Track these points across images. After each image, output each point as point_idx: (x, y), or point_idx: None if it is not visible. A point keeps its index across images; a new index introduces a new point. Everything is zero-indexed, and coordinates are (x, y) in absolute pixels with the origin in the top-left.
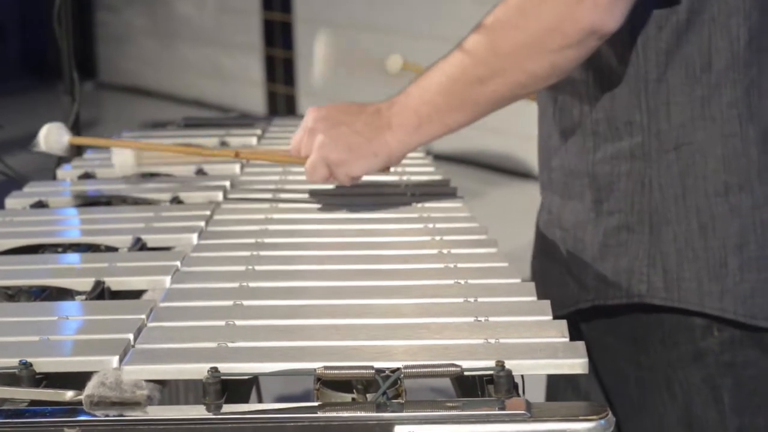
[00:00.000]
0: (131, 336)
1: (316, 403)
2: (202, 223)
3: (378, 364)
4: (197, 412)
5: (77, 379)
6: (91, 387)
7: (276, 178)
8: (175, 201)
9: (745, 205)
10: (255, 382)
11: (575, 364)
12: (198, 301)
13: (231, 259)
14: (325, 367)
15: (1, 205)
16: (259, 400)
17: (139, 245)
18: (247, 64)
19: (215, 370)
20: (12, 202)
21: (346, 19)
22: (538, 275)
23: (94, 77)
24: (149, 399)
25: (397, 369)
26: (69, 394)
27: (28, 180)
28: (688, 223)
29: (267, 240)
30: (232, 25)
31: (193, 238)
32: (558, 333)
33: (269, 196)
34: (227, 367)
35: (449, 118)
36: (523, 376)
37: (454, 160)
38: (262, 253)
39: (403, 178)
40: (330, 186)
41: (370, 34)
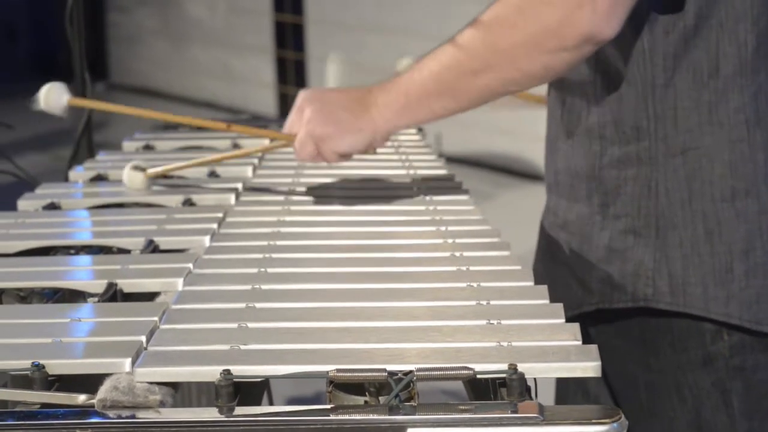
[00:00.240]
0: (144, 338)
1: (328, 406)
2: (215, 225)
3: (390, 367)
4: (210, 414)
5: (90, 381)
6: (103, 391)
7: (288, 180)
8: (188, 203)
9: (751, 211)
10: (266, 385)
11: (588, 367)
12: (210, 304)
13: (243, 261)
14: (338, 370)
15: (13, 207)
16: (270, 403)
17: (152, 247)
18: (258, 65)
19: (228, 372)
20: (24, 204)
21: (356, 20)
22: (541, 277)
23: (105, 78)
24: (162, 404)
25: (410, 372)
26: (81, 398)
27: (40, 182)
28: (695, 228)
29: (279, 242)
30: (244, 26)
31: (206, 241)
32: (571, 336)
33: (281, 198)
34: (240, 369)
35: (437, 103)
36: (535, 379)
37: (465, 162)
38: (275, 255)
39: (410, 172)
40: (342, 187)
41: (380, 35)
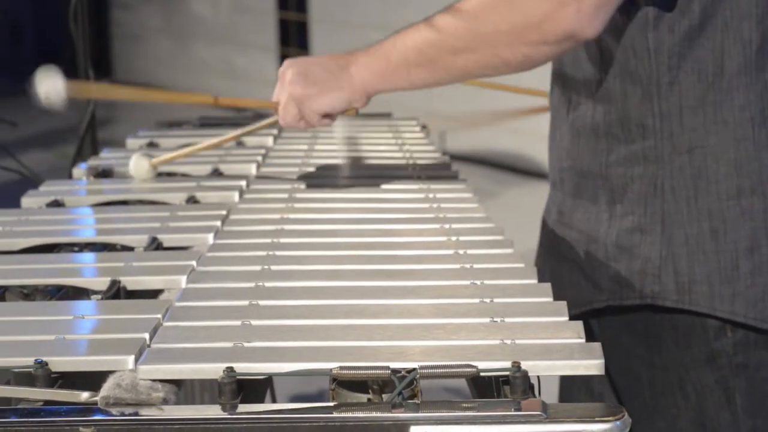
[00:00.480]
0: (147, 335)
1: (331, 404)
2: (218, 222)
3: (394, 365)
4: (213, 411)
5: (93, 379)
6: (106, 389)
7: (292, 177)
8: (191, 201)
9: (757, 209)
10: (269, 382)
11: (591, 365)
12: (214, 301)
13: (247, 258)
14: (341, 368)
15: (17, 204)
16: (273, 400)
17: (155, 245)
18: (262, 63)
19: (231, 369)
20: (28, 201)
21: (361, 18)
22: (545, 274)
23: (109, 76)
24: (165, 401)
25: (413, 369)
26: (84, 396)
27: (43, 179)
28: (700, 226)
29: (283, 240)
30: (247, 24)
31: (209, 238)
32: (574, 334)
33: (285, 195)
34: (243, 366)
35: (415, 74)
36: (539, 377)
37: (469, 159)
38: (278, 252)
39: (415, 171)
40: (345, 184)
41: (385, 33)
